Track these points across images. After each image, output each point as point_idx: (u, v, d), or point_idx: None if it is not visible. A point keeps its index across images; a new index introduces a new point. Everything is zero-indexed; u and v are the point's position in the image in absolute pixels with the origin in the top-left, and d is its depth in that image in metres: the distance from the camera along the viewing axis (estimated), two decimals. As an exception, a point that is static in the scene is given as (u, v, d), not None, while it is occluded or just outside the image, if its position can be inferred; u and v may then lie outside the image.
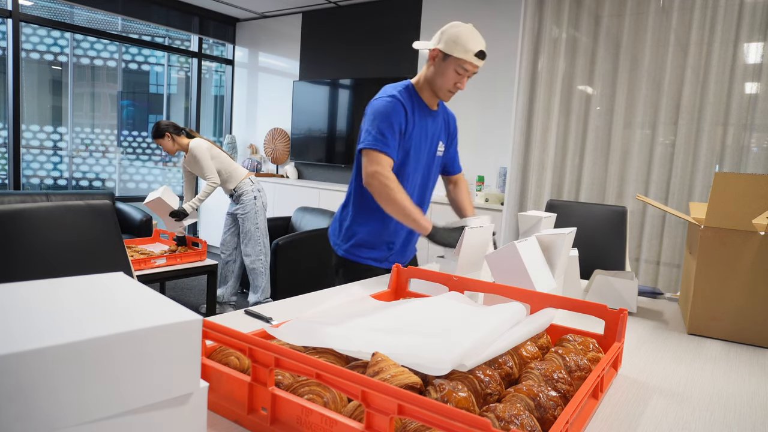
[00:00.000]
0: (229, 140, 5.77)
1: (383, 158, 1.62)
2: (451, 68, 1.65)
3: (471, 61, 1.63)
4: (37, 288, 0.60)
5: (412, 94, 1.73)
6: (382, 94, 1.69)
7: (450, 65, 1.65)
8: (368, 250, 1.79)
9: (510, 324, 0.95)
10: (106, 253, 1.55)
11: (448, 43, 1.63)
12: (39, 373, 0.45)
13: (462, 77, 1.67)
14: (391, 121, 1.63)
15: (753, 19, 2.97)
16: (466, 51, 1.62)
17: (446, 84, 1.68)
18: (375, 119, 1.64)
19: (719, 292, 1.30)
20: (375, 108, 1.66)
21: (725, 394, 0.96)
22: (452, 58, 1.64)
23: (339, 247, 1.82)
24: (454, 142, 1.95)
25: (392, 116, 1.63)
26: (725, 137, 3.09)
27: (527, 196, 3.74)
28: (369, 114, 1.67)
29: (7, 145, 4.53)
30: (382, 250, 1.80)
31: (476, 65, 1.66)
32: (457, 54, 1.62)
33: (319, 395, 0.72)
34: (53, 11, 4.70)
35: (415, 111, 1.71)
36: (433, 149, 1.82)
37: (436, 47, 1.66)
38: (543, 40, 3.61)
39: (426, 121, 1.76)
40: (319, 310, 1.06)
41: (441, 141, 1.85)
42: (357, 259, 1.79)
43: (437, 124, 1.82)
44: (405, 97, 1.69)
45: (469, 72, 1.66)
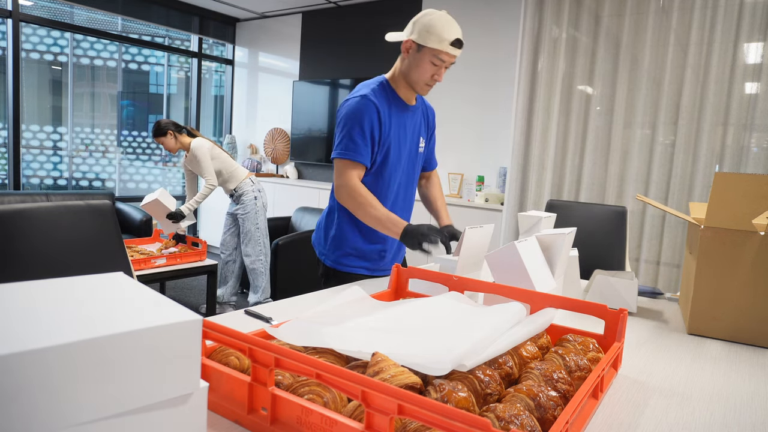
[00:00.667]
0: (229, 140, 5.77)
1: (352, 168, 1.56)
2: (427, 60, 1.55)
3: (447, 51, 1.53)
4: (37, 288, 0.60)
5: (387, 90, 1.63)
6: (353, 94, 1.60)
7: (425, 57, 1.55)
8: (358, 259, 1.70)
9: (510, 324, 0.95)
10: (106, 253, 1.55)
11: (422, 33, 1.53)
12: (39, 373, 0.45)
13: (439, 68, 1.57)
14: (362, 123, 1.55)
15: (753, 19, 2.97)
16: (440, 40, 1.51)
17: (422, 77, 1.58)
18: (346, 123, 1.56)
19: (719, 292, 1.30)
20: (346, 110, 1.58)
21: (725, 394, 0.96)
22: (427, 49, 1.54)
23: (326, 257, 1.73)
24: (432, 137, 1.86)
25: (363, 118, 1.55)
26: (725, 137, 3.09)
27: (527, 196, 3.74)
28: (341, 117, 1.59)
29: (7, 145, 4.53)
30: (374, 259, 1.72)
31: (453, 55, 1.55)
32: (432, 44, 1.52)
33: (319, 395, 0.72)
34: (53, 11, 4.70)
35: (391, 108, 1.62)
36: (415, 146, 1.74)
37: (408, 38, 1.56)
38: (543, 40, 3.61)
39: (404, 117, 1.67)
40: (319, 310, 1.06)
41: (422, 137, 1.77)
42: (347, 269, 1.70)
43: (416, 120, 1.73)
44: (379, 94, 1.60)
45: (446, 63, 1.56)
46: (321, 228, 1.78)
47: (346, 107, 1.59)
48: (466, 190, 4.21)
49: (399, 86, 1.65)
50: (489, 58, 4.17)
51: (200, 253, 3.28)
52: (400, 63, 1.63)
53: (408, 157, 1.72)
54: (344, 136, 1.56)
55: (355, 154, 1.55)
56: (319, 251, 1.78)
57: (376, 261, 1.73)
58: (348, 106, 1.58)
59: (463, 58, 4.27)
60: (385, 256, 1.75)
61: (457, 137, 4.34)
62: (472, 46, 4.24)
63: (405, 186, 1.75)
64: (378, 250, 1.72)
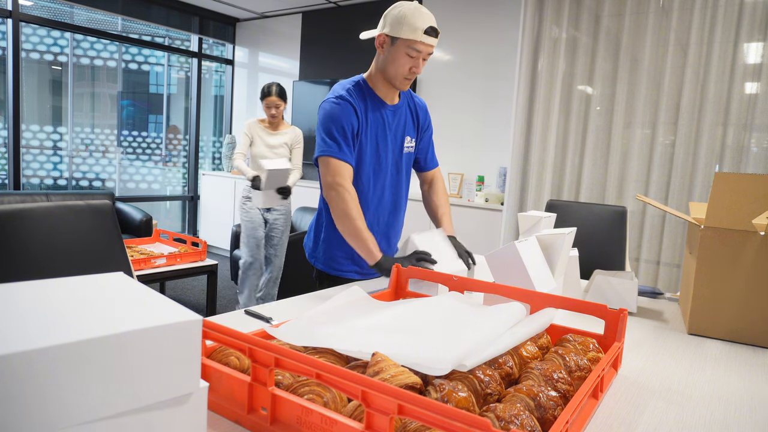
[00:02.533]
0: (229, 140, 5.77)
1: (341, 166, 1.51)
2: (402, 52, 1.50)
3: (422, 40, 1.47)
4: (37, 288, 0.60)
5: (364, 89, 1.60)
6: (330, 95, 1.57)
7: (400, 49, 1.50)
8: (349, 263, 1.67)
9: (510, 324, 0.95)
10: (106, 253, 1.55)
11: (393, 25, 1.48)
12: (39, 373, 0.45)
13: (416, 60, 1.51)
14: (341, 124, 1.52)
15: (753, 19, 2.97)
16: (414, 30, 1.46)
17: (400, 71, 1.53)
18: (325, 124, 1.53)
19: (719, 292, 1.30)
20: (323, 112, 1.55)
21: (725, 394, 0.96)
22: (401, 41, 1.49)
23: (317, 261, 1.71)
24: (426, 135, 1.78)
25: (342, 119, 1.52)
26: (725, 137, 3.09)
27: (527, 196, 3.74)
28: (319, 118, 1.56)
29: (7, 145, 4.53)
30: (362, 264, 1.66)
31: (429, 44, 1.49)
32: (405, 35, 1.47)
33: (319, 395, 0.72)
34: (53, 11, 4.70)
35: (368, 108, 1.58)
36: (398, 146, 1.68)
37: (381, 33, 1.52)
38: (543, 40, 3.61)
39: (383, 116, 1.61)
40: (319, 310, 1.06)
41: (408, 136, 1.70)
42: (338, 273, 1.68)
43: (400, 118, 1.67)
44: (355, 94, 1.56)
45: (422, 53, 1.50)
46: (312, 230, 1.76)
47: (323, 109, 1.56)
48: (466, 190, 4.21)
49: (377, 84, 1.61)
50: (489, 58, 4.17)
51: (200, 253, 3.28)
52: (376, 60, 1.59)
53: (393, 158, 1.67)
54: (325, 135, 1.53)
55: (341, 153, 1.52)
56: (309, 254, 1.75)
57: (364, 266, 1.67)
58: (325, 107, 1.55)
59: (463, 57, 4.27)
60: None
61: (457, 137, 4.34)
62: (472, 46, 4.24)
63: (392, 188, 1.70)
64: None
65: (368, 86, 1.61)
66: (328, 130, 1.52)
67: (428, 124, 1.79)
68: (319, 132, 1.55)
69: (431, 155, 1.83)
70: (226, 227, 5.38)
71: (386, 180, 1.67)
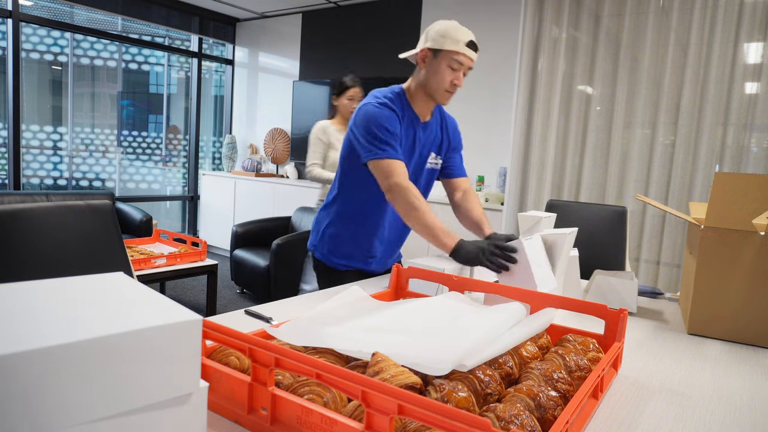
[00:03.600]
0: (229, 140, 5.77)
1: (398, 166, 1.50)
2: (444, 64, 1.54)
3: (464, 52, 1.52)
4: (38, 288, 0.60)
5: (403, 101, 1.62)
6: (372, 100, 1.58)
7: (442, 62, 1.54)
8: (347, 259, 1.71)
9: (510, 324, 0.95)
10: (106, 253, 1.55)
11: (437, 39, 1.53)
12: (39, 373, 0.45)
13: (457, 72, 1.56)
14: (386, 125, 1.53)
15: (753, 19, 2.97)
16: (456, 42, 1.51)
17: (442, 83, 1.56)
18: (369, 126, 1.53)
19: (719, 292, 1.30)
20: (366, 114, 1.55)
21: (725, 394, 0.96)
22: (444, 53, 1.53)
23: (317, 249, 1.75)
24: (458, 149, 1.80)
25: (387, 121, 1.53)
26: (725, 137, 3.09)
27: (527, 196, 3.74)
28: (362, 121, 1.55)
29: (7, 145, 4.53)
30: (361, 261, 1.72)
31: (470, 57, 1.55)
32: (449, 47, 1.52)
33: (319, 395, 0.72)
34: (53, 11, 4.70)
35: (404, 119, 1.60)
36: (422, 162, 1.70)
37: (423, 47, 1.57)
38: (543, 40, 3.61)
39: (415, 133, 1.64)
40: (319, 310, 1.06)
41: (433, 152, 1.72)
42: (335, 266, 1.72)
43: (429, 135, 1.69)
44: (396, 103, 1.58)
45: (464, 66, 1.55)
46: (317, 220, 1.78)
47: (365, 112, 1.55)
48: (466, 190, 4.20)
49: (416, 100, 1.63)
50: (489, 58, 4.17)
51: (200, 253, 3.28)
52: (415, 76, 1.62)
53: (414, 173, 1.68)
54: (373, 138, 1.52)
55: (396, 153, 1.51)
56: (311, 242, 1.78)
57: (362, 264, 1.72)
58: (367, 110, 1.55)
59: (463, 58, 4.27)
60: (372, 262, 1.73)
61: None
62: (472, 46, 4.24)
63: None
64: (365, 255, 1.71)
65: (406, 99, 1.63)
66: (373, 131, 1.52)
67: (458, 141, 1.79)
68: (361, 135, 1.54)
69: (461, 166, 1.81)
70: (226, 227, 5.38)
71: None
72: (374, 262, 1.74)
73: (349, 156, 1.64)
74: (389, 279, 1.33)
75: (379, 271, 1.78)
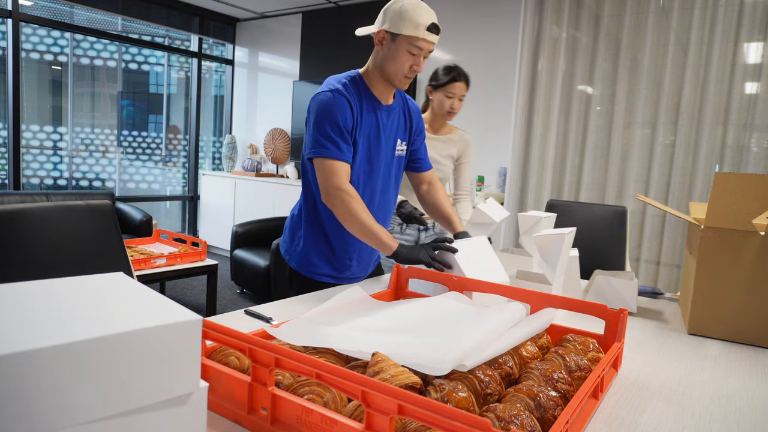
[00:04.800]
0: (229, 140, 5.77)
1: (339, 167, 1.42)
2: (403, 49, 1.43)
3: (424, 37, 1.41)
4: (37, 288, 0.60)
5: (360, 86, 1.51)
6: (324, 88, 1.47)
7: (401, 46, 1.43)
8: (325, 266, 1.60)
9: (510, 324, 0.95)
10: (106, 253, 1.55)
11: (394, 21, 1.41)
12: (39, 373, 0.45)
13: (417, 57, 1.45)
14: (336, 119, 1.42)
15: (753, 19, 2.97)
16: (416, 26, 1.40)
17: (400, 69, 1.46)
18: (319, 120, 1.43)
19: (719, 292, 1.30)
20: (317, 104, 1.45)
21: (725, 395, 0.96)
22: (402, 37, 1.42)
23: (291, 259, 1.63)
24: (420, 137, 1.72)
25: (337, 113, 1.43)
26: (725, 137, 3.09)
27: (527, 196, 3.74)
28: (312, 113, 1.46)
29: (7, 145, 4.53)
30: (339, 269, 1.61)
31: (431, 41, 1.44)
32: (407, 31, 1.40)
33: (319, 395, 0.72)
34: (53, 11, 4.70)
35: (363, 105, 1.50)
36: (390, 149, 1.60)
37: (380, 29, 1.45)
38: (543, 40, 3.61)
39: (376, 116, 1.53)
40: (319, 310, 1.06)
41: (399, 139, 1.62)
42: (311, 275, 1.61)
43: (393, 120, 1.58)
44: (351, 89, 1.48)
45: (423, 51, 1.44)
46: (288, 228, 1.68)
47: (317, 102, 1.46)
48: (466, 190, 4.21)
49: (373, 82, 1.52)
50: (489, 58, 4.17)
51: (200, 253, 3.28)
52: (374, 57, 1.51)
53: (384, 161, 1.59)
54: (320, 134, 1.43)
55: (338, 153, 1.43)
56: (284, 250, 1.67)
57: (341, 270, 1.62)
58: (319, 101, 1.45)
59: (463, 57, 4.27)
60: (351, 267, 1.64)
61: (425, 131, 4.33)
62: (472, 46, 4.24)
63: (381, 191, 1.62)
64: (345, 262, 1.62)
65: (364, 83, 1.52)
66: (322, 126, 1.43)
67: (421, 128, 1.72)
68: (312, 127, 1.46)
69: (426, 158, 1.76)
70: (226, 227, 5.38)
71: (377, 184, 1.59)
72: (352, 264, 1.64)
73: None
74: (389, 279, 1.33)
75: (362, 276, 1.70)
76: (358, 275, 1.68)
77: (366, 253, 1.66)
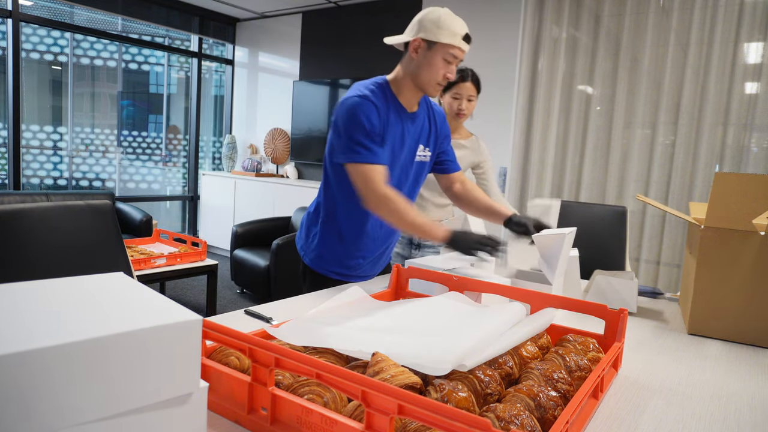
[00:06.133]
0: (229, 140, 5.77)
1: (375, 171, 1.44)
2: (439, 57, 1.47)
3: (460, 45, 1.46)
4: (37, 288, 0.60)
5: (386, 92, 1.53)
6: (352, 93, 1.50)
7: (437, 54, 1.47)
8: (336, 265, 1.64)
9: (510, 324, 0.95)
10: (106, 253, 1.55)
11: (432, 30, 1.45)
12: (39, 373, 0.45)
13: (451, 65, 1.49)
14: (366, 124, 1.45)
15: (753, 19, 2.97)
16: (453, 35, 1.45)
17: (434, 76, 1.49)
18: (349, 126, 1.45)
19: (719, 292, 1.30)
20: (345, 110, 1.47)
21: (725, 395, 0.96)
22: (439, 45, 1.46)
23: (306, 255, 1.67)
24: (447, 140, 1.75)
25: (367, 118, 1.45)
26: (725, 137, 3.09)
27: (527, 196, 3.74)
28: (340, 118, 1.48)
29: (7, 145, 4.53)
30: (350, 267, 1.65)
31: (464, 50, 1.49)
32: (445, 39, 1.44)
33: (319, 395, 0.72)
34: (53, 11, 4.70)
35: (389, 112, 1.52)
36: (411, 154, 1.63)
37: (416, 37, 1.48)
38: (543, 40, 3.61)
39: (402, 123, 1.56)
40: (319, 310, 1.06)
41: (422, 144, 1.65)
42: (324, 272, 1.64)
43: (417, 126, 1.62)
44: (378, 96, 1.50)
45: (458, 59, 1.49)
46: (304, 225, 1.71)
47: (345, 107, 1.48)
48: (466, 190, 4.21)
49: (402, 90, 1.55)
50: (489, 57, 4.17)
51: (200, 253, 3.28)
52: (406, 65, 1.53)
53: (401, 166, 1.61)
54: (351, 140, 1.45)
55: (373, 156, 1.45)
56: (299, 245, 1.71)
57: (353, 268, 1.66)
58: (347, 106, 1.47)
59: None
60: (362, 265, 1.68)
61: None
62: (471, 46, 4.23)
63: None
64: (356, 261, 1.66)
65: (391, 90, 1.55)
66: (353, 132, 1.45)
67: (447, 132, 1.74)
68: (342, 133, 1.47)
69: (454, 158, 1.78)
70: (226, 227, 5.38)
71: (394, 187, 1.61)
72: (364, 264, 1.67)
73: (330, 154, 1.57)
74: (389, 279, 1.33)
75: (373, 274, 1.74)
76: (369, 273, 1.72)
77: (377, 254, 1.70)
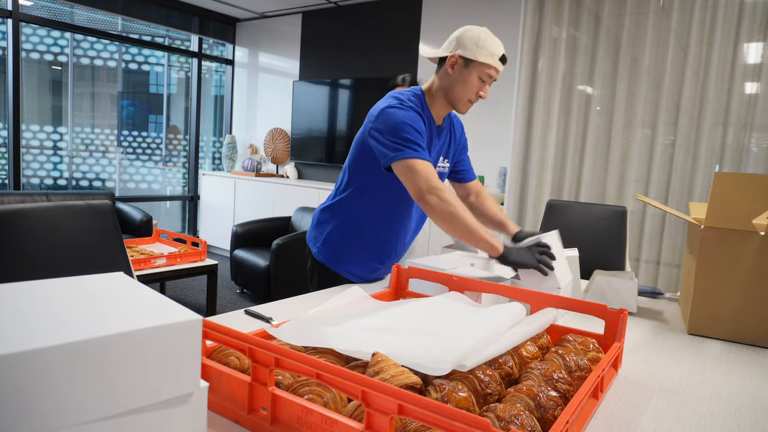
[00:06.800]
0: (229, 140, 5.77)
1: (427, 167, 1.41)
2: (475, 75, 1.48)
3: (496, 66, 1.48)
4: (37, 288, 0.60)
5: (423, 104, 1.54)
6: (394, 102, 1.49)
7: (473, 72, 1.48)
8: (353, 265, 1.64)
9: (510, 324, 0.95)
10: (106, 253, 1.55)
11: (470, 48, 1.46)
12: (39, 373, 0.45)
13: (485, 84, 1.51)
14: (413, 125, 1.44)
15: (753, 19, 2.97)
16: (491, 55, 1.46)
17: (468, 93, 1.51)
18: (393, 127, 1.43)
19: (719, 292, 1.30)
20: (389, 116, 1.45)
21: (725, 395, 0.96)
22: (476, 64, 1.47)
23: (318, 252, 1.66)
24: (464, 150, 1.77)
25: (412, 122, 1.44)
26: (725, 137, 3.09)
27: (527, 196, 3.74)
28: (386, 122, 1.45)
29: (7, 145, 4.53)
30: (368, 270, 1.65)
31: (499, 71, 1.51)
32: (483, 58, 1.45)
33: (319, 395, 0.72)
34: (53, 11, 4.70)
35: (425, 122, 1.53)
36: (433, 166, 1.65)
37: (455, 53, 1.48)
38: (543, 40, 3.61)
39: (431, 137, 1.57)
40: (319, 310, 1.06)
41: (442, 156, 1.66)
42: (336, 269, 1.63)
43: (441, 140, 1.63)
44: (418, 106, 1.51)
45: (492, 78, 1.50)
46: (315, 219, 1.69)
47: (388, 114, 1.45)
48: (466, 190, 4.21)
49: (434, 103, 1.56)
50: (489, 58, 4.17)
51: (200, 253, 3.28)
52: (440, 79, 1.54)
53: None
54: (399, 140, 1.42)
55: (423, 152, 1.42)
56: (311, 242, 1.70)
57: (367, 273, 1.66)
58: (393, 112, 1.45)
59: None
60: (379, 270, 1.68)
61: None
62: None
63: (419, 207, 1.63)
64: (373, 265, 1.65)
65: (425, 101, 1.56)
66: (399, 132, 1.42)
67: (464, 142, 1.76)
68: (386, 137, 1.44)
69: (470, 167, 1.80)
70: (226, 227, 5.38)
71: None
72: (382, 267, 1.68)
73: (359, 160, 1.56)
74: (389, 279, 1.33)
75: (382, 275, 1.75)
76: (382, 277, 1.72)
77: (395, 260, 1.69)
